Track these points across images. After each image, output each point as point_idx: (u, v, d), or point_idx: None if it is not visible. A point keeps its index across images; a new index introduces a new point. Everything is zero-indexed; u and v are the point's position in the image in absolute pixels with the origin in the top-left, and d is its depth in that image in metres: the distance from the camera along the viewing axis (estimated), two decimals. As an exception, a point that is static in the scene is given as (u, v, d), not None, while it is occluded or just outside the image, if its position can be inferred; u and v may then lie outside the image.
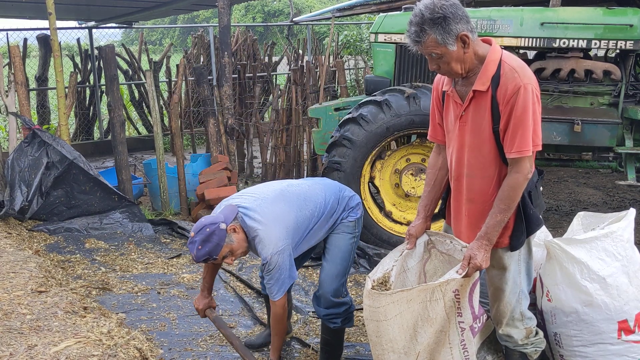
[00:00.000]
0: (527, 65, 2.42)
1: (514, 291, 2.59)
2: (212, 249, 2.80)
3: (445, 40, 2.28)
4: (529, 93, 2.30)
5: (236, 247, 2.89)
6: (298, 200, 3.05)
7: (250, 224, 2.90)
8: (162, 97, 9.88)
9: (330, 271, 3.12)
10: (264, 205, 2.98)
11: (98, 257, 4.93)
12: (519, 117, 2.31)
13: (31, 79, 9.19)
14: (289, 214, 2.98)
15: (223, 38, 6.46)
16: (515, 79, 2.31)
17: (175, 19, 33.02)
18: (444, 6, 2.27)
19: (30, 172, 5.40)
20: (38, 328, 2.98)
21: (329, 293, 3.10)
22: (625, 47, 4.72)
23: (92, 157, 8.88)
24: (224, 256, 2.88)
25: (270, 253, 2.86)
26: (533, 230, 2.54)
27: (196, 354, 3.47)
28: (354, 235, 3.18)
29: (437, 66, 2.39)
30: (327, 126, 5.49)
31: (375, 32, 5.33)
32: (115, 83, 6.07)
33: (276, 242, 2.87)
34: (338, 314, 3.14)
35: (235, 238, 2.87)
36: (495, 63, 2.37)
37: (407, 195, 5.05)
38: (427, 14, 2.27)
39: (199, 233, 2.81)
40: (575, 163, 5.21)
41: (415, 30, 2.31)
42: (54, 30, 5.62)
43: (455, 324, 2.53)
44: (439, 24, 2.27)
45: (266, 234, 2.88)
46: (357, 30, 12.89)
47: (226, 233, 2.84)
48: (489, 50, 2.40)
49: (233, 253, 2.90)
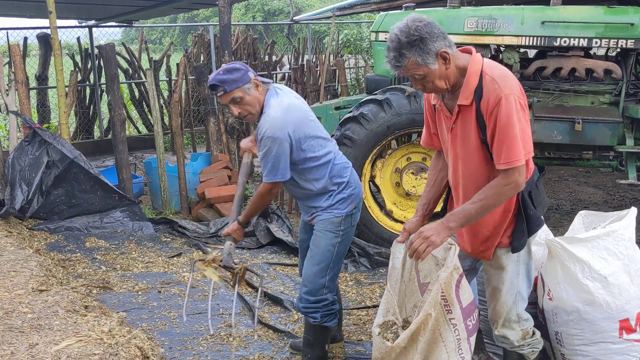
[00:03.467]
0: (510, 73, 2.41)
1: (510, 292, 2.59)
2: (228, 80, 2.83)
3: (426, 60, 2.29)
4: (511, 103, 2.28)
5: (249, 100, 2.89)
6: (321, 133, 3.03)
7: (273, 100, 2.92)
8: (163, 96, 9.87)
9: (309, 269, 3.08)
10: (297, 102, 3.00)
11: (99, 256, 4.93)
12: (503, 128, 2.29)
13: (31, 78, 9.19)
14: (307, 129, 2.94)
15: (223, 37, 6.46)
16: (496, 90, 2.30)
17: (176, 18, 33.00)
18: (419, 27, 2.27)
19: (30, 171, 5.40)
20: (39, 327, 2.98)
21: (304, 290, 3.09)
22: (626, 46, 4.72)
23: (93, 156, 8.88)
24: (233, 97, 2.86)
25: (264, 133, 2.84)
26: (534, 230, 2.53)
27: (197, 352, 3.47)
28: (338, 234, 3.04)
29: (422, 86, 2.41)
30: (327, 125, 5.48)
31: (376, 30, 5.33)
32: (115, 82, 6.07)
33: (275, 128, 2.84)
34: (316, 308, 3.07)
35: (253, 92, 2.89)
36: (477, 75, 2.35)
37: (407, 194, 5.05)
38: (403, 38, 2.28)
39: (230, 64, 2.91)
40: (576, 162, 5.20)
41: (395, 55, 2.31)
42: (55, 29, 5.62)
43: (446, 322, 2.52)
44: (417, 46, 2.27)
45: (275, 114, 2.86)
46: (358, 29, 12.89)
47: (249, 80, 2.87)
48: (470, 62, 2.38)
49: (243, 103, 2.89)
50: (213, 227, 5.63)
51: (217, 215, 5.97)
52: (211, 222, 5.75)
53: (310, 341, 3.18)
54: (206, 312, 3.96)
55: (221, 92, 2.86)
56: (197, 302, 4.16)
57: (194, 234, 5.59)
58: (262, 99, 2.93)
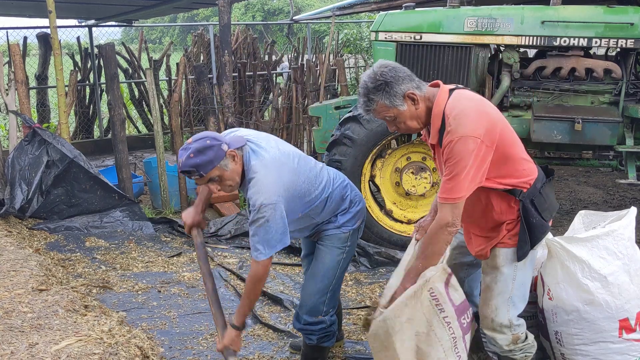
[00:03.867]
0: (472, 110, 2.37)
1: (502, 295, 2.58)
2: (202, 163, 2.53)
3: (393, 102, 2.38)
4: (462, 144, 2.29)
5: (228, 175, 2.63)
6: (310, 172, 2.82)
7: (255, 162, 2.64)
8: (162, 95, 9.87)
9: (309, 288, 2.97)
10: (277, 153, 2.71)
11: (98, 256, 4.93)
12: (451, 167, 2.33)
13: (31, 78, 9.18)
14: (295, 177, 2.72)
15: (223, 36, 6.45)
16: (449, 133, 2.33)
17: (175, 18, 33.01)
18: (384, 72, 2.39)
19: (30, 170, 5.40)
20: (39, 326, 2.98)
21: (304, 309, 2.98)
22: (626, 46, 4.72)
23: (92, 156, 8.87)
24: (210, 178, 2.60)
25: (261, 202, 2.57)
26: (538, 238, 2.53)
27: (197, 352, 3.47)
28: (344, 249, 2.95)
29: (395, 127, 2.49)
30: (327, 125, 5.48)
31: (376, 30, 5.32)
32: (115, 81, 6.07)
33: (271, 193, 2.58)
34: (312, 331, 2.99)
35: (231, 166, 2.61)
36: (439, 116, 2.41)
37: (407, 194, 5.05)
38: (370, 84, 2.40)
39: (197, 142, 2.56)
40: (576, 162, 5.20)
41: (364, 100, 2.43)
42: (54, 29, 5.61)
43: (440, 322, 2.53)
44: (383, 89, 2.38)
45: (265, 179, 2.60)
46: (357, 28, 12.88)
47: (225, 155, 2.57)
48: (435, 101, 2.43)
49: (222, 180, 2.63)
50: (213, 227, 5.63)
51: (216, 214, 5.97)
52: (211, 221, 5.75)
53: (308, 357, 3.15)
54: (206, 312, 3.98)
55: (197, 176, 2.57)
56: (196, 302, 4.16)
57: (193, 233, 5.58)
58: (240, 168, 2.66)
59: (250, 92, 8.60)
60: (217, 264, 4.83)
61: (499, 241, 2.54)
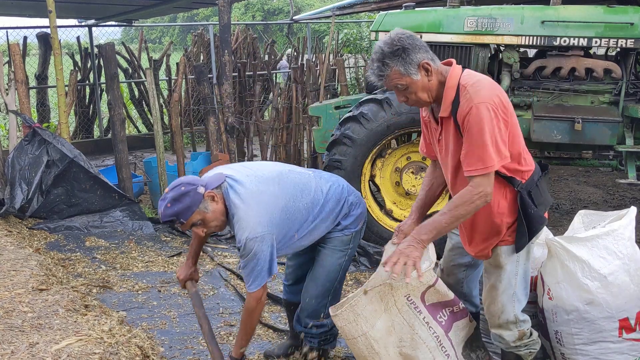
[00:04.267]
0: (488, 82, 2.41)
1: (507, 291, 2.59)
2: (181, 211, 2.55)
3: (408, 70, 2.35)
4: (482, 112, 2.30)
5: (210, 217, 2.63)
6: (294, 189, 2.80)
7: (234, 198, 2.64)
8: (162, 95, 9.87)
9: (311, 291, 2.95)
10: (254, 182, 2.71)
11: (98, 256, 4.93)
12: (473, 137, 2.32)
13: (31, 77, 9.18)
14: (278, 200, 2.71)
15: (223, 36, 6.45)
16: (467, 100, 2.34)
17: (175, 17, 33.01)
18: (401, 38, 2.35)
19: (30, 170, 5.40)
20: (39, 326, 2.98)
21: (305, 313, 2.97)
22: (626, 46, 4.72)
23: (92, 156, 8.87)
24: (193, 223, 2.61)
25: (246, 237, 2.58)
26: (536, 229, 2.53)
27: (197, 351, 3.48)
28: (346, 252, 2.94)
29: (405, 98, 2.45)
30: (327, 124, 5.48)
31: (376, 30, 5.32)
32: (115, 81, 6.07)
33: (254, 227, 2.59)
34: (314, 334, 2.99)
35: (211, 207, 2.61)
36: (454, 87, 2.40)
37: (407, 194, 5.05)
38: (386, 49, 2.35)
39: (173, 190, 2.59)
40: (576, 161, 5.21)
41: (378, 65, 2.38)
42: (54, 29, 5.62)
43: (420, 322, 2.55)
44: (399, 55, 2.33)
45: (246, 215, 2.61)
46: (357, 28, 12.88)
47: (202, 198, 2.59)
48: (448, 75, 2.42)
49: (205, 223, 2.64)
50: (213, 227, 5.63)
51: (217, 214, 5.96)
52: (211, 221, 5.75)
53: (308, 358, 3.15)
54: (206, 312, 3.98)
55: (179, 224, 2.61)
56: (197, 302, 4.16)
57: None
58: (222, 207, 2.65)
59: (250, 92, 8.59)
60: (217, 264, 4.83)
61: (500, 240, 2.54)
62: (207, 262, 4.91)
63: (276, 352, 3.37)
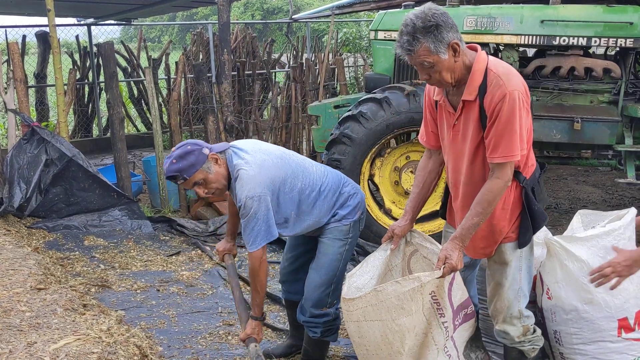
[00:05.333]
0: (515, 71, 2.42)
1: (512, 287, 2.60)
2: (184, 167, 2.70)
3: (438, 48, 2.29)
4: (515, 100, 2.31)
5: (212, 178, 2.76)
6: (296, 167, 2.91)
7: (236, 161, 2.78)
8: (161, 94, 9.85)
9: (314, 280, 2.98)
10: (258, 152, 2.84)
11: (97, 255, 4.92)
12: (504, 124, 2.32)
13: (30, 76, 9.17)
14: (279, 171, 2.82)
15: (222, 35, 6.44)
16: (500, 86, 2.32)
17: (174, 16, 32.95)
18: (435, 14, 2.28)
19: (29, 169, 5.39)
20: (37, 325, 2.98)
21: (309, 303, 2.99)
22: (625, 45, 4.72)
23: (91, 155, 8.86)
24: (195, 182, 2.75)
25: (246, 195, 2.70)
26: (540, 225, 2.55)
27: (195, 351, 3.47)
28: (347, 241, 2.99)
29: (428, 76, 2.40)
30: (326, 124, 5.48)
31: (375, 29, 5.32)
32: (114, 80, 6.06)
33: (254, 187, 2.71)
34: (317, 323, 3.01)
35: (214, 169, 2.76)
36: (482, 72, 2.38)
37: (406, 193, 5.04)
38: (419, 23, 2.27)
39: (179, 148, 2.74)
40: (575, 161, 5.21)
41: (408, 39, 2.30)
42: (53, 27, 5.61)
43: (438, 325, 2.54)
44: (432, 32, 2.27)
45: (247, 175, 2.73)
46: (357, 27, 12.86)
47: (206, 159, 2.73)
48: (475, 59, 2.40)
49: (207, 184, 2.77)
50: (212, 226, 5.62)
51: (215, 213, 5.96)
52: (210, 220, 5.74)
53: (309, 353, 3.16)
54: (204, 311, 3.98)
55: (181, 180, 2.74)
56: (195, 301, 4.16)
57: (192, 232, 5.58)
58: (225, 171, 2.79)
59: (250, 91, 8.59)
60: (215, 263, 4.82)
61: (504, 237, 2.54)
62: (205, 261, 4.91)
63: (275, 351, 3.37)
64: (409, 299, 2.42)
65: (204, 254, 5.05)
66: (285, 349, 3.39)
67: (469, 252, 2.66)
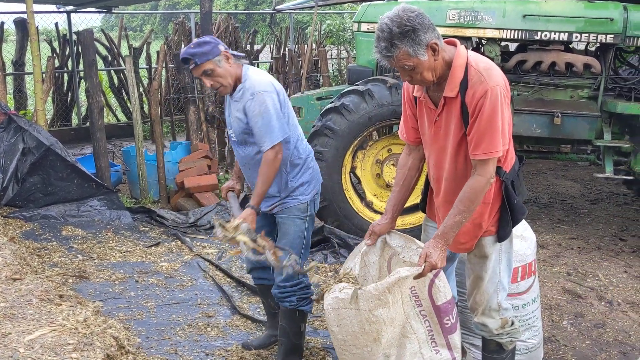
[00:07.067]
0: (495, 65, 2.42)
1: (492, 280, 2.61)
2: (198, 53, 2.86)
3: (417, 51, 2.27)
4: (497, 96, 2.30)
5: (221, 72, 2.90)
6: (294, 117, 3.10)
7: (248, 71, 2.96)
8: (142, 83, 9.75)
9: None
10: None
11: (75, 245, 4.86)
12: (486, 120, 2.31)
13: (8, 64, 9.01)
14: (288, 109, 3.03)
15: (204, 25, 6.38)
16: (482, 82, 2.31)
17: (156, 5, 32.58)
18: (411, 18, 2.25)
19: (5, 158, 5.30)
20: (12, 316, 2.93)
21: (279, 278, 3.03)
22: (606, 41, 4.76)
23: (71, 144, 8.75)
24: (204, 70, 2.88)
25: (257, 90, 2.86)
26: (519, 218, 2.56)
27: (174, 342, 3.45)
28: (305, 219, 3.07)
29: (409, 77, 2.39)
30: (309, 115, 5.46)
31: (358, 21, 5.30)
32: (94, 69, 5.97)
33: (266, 84, 2.90)
34: (292, 292, 3.05)
35: (224, 65, 2.91)
36: (462, 67, 2.37)
37: (388, 186, 5.05)
38: (395, 28, 2.25)
39: (201, 38, 2.95)
40: (554, 155, 5.25)
41: (386, 45, 2.28)
42: (31, 14, 5.51)
43: (416, 314, 2.55)
44: (409, 36, 2.25)
45: (258, 75, 2.95)
46: (340, 19, 12.82)
47: (219, 53, 2.89)
48: (455, 54, 2.39)
49: (214, 75, 2.90)
50: (192, 217, 5.59)
51: (196, 205, 5.92)
52: (190, 211, 5.70)
53: (286, 329, 3.14)
54: (184, 302, 3.95)
55: (192, 65, 2.89)
56: (174, 292, 4.13)
57: (172, 223, 5.53)
58: (233, 72, 2.94)
59: (232, 82, 8.53)
60: (195, 254, 4.79)
61: (484, 231, 2.55)
62: (185, 252, 4.88)
63: (255, 343, 3.36)
64: (387, 291, 2.43)
65: (184, 245, 5.01)
66: (264, 339, 3.39)
67: (450, 247, 2.67)
